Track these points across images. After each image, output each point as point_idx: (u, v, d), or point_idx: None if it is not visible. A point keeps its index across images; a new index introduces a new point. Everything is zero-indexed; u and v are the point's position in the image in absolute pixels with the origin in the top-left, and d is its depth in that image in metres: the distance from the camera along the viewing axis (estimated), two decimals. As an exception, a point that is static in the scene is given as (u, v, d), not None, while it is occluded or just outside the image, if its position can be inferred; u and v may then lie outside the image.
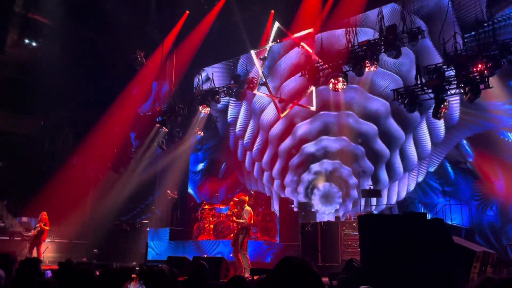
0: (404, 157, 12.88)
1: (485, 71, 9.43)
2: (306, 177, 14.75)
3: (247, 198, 9.91)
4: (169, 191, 15.10)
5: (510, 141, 10.93)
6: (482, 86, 9.37)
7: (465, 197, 11.48)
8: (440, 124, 11.97)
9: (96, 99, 16.11)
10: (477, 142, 11.46)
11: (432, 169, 12.30)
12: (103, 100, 16.01)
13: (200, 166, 17.90)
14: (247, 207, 9.44)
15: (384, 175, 13.22)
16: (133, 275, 4.92)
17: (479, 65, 9.44)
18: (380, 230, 6.10)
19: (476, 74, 9.48)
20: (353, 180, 13.59)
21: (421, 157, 12.54)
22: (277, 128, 15.66)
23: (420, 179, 12.45)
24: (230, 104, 16.92)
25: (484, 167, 11.20)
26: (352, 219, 10.81)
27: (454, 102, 11.47)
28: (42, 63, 15.30)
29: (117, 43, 15.88)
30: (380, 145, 13.37)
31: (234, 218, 9.50)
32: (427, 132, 12.45)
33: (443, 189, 11.97)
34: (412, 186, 12.60)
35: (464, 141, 11.75)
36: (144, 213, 16.31)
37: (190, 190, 17.40)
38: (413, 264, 5.36)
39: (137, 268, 6.37)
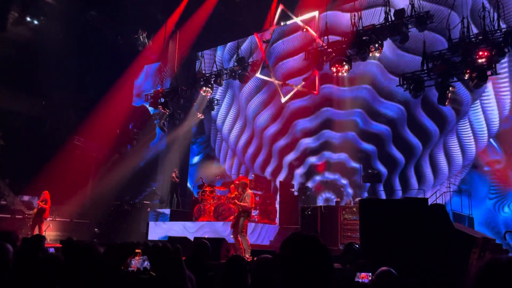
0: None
1: (490, 58, 9.36)
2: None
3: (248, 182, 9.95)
4: (173, 174, 15.15)
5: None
6: (489, 73, 9.31)
7: (481, 195, 11.36)
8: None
9: (98, 78, 16.02)
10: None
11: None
12: (105, 80, 15.94)
13: (196, 159, 17.93)
14: (249, 191, 9.47)
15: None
16: (137, 250, 4.98)
17: (485, 52, 9.36)
18: (380, 215, 6.13)
19: (484, 60, 9.40)
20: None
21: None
22: (272, 128, 15.71)
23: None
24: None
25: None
26: (352, 204, 10.87)
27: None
28: (43, 42, 15.18)
29: (119, 22, 15.73)
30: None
31: (236, 201, 9.53)
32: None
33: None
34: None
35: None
36: (145, 193, 16.39)
37: (188, 185, 17.36)
38: (412, 249, 5.40)
39: (141, 246, 6.39)
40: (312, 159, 14.75)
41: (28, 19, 16.26)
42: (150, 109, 16.63)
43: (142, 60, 16.93)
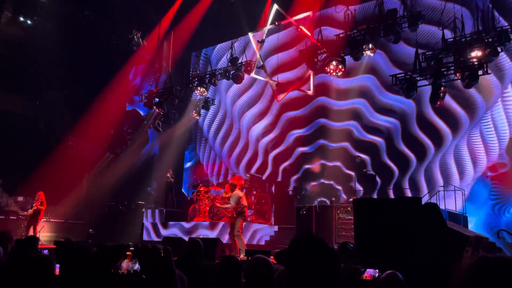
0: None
1: (483, 58, 9.43)
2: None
3: (237, 182, 9.96)
4: (168, 174, 15.14)
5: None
6: (480, 72, 9.37)
7: (482, 197, 11.24)
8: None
9: (92, 78, 15.95)
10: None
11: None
12: (99, 80, 15.88)
13: (188, 164, 17.94)
14: (236, 192, 9.46)
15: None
16: (128, 253, 4.97)
17: (477, 52, 9.43)
18: (374, 214, 6.16)
19: (475, 60, 9.48)
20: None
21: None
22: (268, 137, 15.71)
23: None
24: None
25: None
26: (346, 203, 10.90)
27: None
28: (37, 42, 15.09)
29: (113, 22, 15.67)
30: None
31: (217, 204, 9.64)
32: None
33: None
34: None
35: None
36: (140, 194, 16.33)
37: (183, 190, 17.31)
38: (406, 247, 5.43)
39: (131, 249, 6.40)
40: (307, 165, 14.70)
41: (22, 19, 16.14)
42: (144, 110, 16.60)
43: (136, 60, 16.87)
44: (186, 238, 9.33)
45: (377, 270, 4.92)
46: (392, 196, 12.59)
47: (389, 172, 13.05)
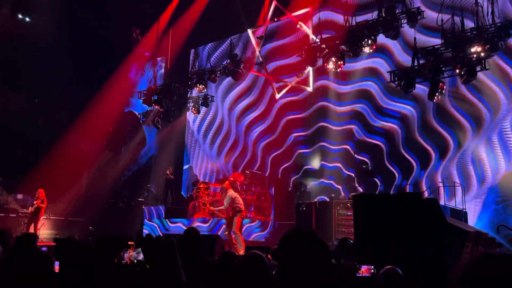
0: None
1: (482, 53, 9.40)
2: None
3: (237, 179, 9.99)
4: (168, 171, 15.14)
5: None
6: (478, 68, 9.36)
7: (489, 197, 10.93)
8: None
9: (91, 76, 15.93)
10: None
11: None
12: (98, 77, 15.85)
13: (186, 166, 17.89)
14: (230, 193, 9.48)
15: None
16: (130, 243, 4.97)
17: (477, 47, 9.40)
18: (374, 209, 6.16)
19: (473, 56, 9.45)
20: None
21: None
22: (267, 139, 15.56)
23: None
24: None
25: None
26: (346, 199, 10.90)
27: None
28: (35, 39, 15.05)
29: (112, 19, 15.62)
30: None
31: (212, 207, 9.76)
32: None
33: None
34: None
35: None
36: (139, 191, 16.35)
37: (182, 193, 17.08)
38: (406, 243, 5.44)
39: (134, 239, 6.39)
40: (307, 166, 14.53)
41: (20, 16, 16.12)
42: (140, 109, 16.56)
43: (135, 57, 16.84)
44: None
45: (372, 266, 4.94)
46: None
47: (391, 175, 12.73)
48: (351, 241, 7.26)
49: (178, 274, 1.81)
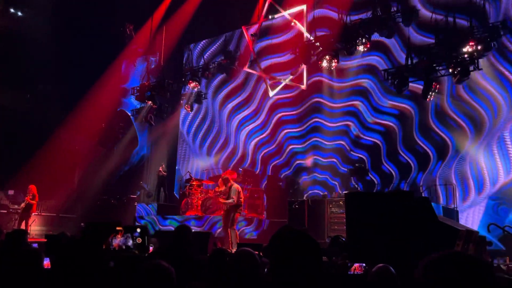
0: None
1: (475, 53, 9.48)
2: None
3: (230, 176, 9.93)
4: (161, 168, 15.09)
5: None
6: (471, 68, 9.43)
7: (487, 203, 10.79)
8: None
9: (84, 72, 15.81)
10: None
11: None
12: (91, 73, 15.73)
13: (177, 166, 17.71)
14: (235, 185, 9.48)
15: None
16: (118, 228, 4.95)
17: (469, 47, 9.46)
18: (366, 207, 6.18)
19: (466, 56, 9.51)
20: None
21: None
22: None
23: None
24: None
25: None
26: (339, 198, 10.93)
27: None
28: (28, 34, 14.90)
29: (105, 14, 15.50)
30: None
31: (221, 199, 9.60)
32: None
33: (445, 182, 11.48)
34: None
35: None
36: (132, 188, 16.27)
37: (175, 193, 16.96)
38: (397, 241, 5.47)
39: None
40: (300, 161, 14.51)
41: (12, 10, 15.94)
42: (136, 105, 16.47)
43: (128, 53, 16.74)
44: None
45: (363, 264, 4.96)
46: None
47: (388, 175, 12.68)
48: (343, 239, 7.29)
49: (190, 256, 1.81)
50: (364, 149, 13.16)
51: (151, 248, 6.33)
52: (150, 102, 15.04)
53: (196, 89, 15.26)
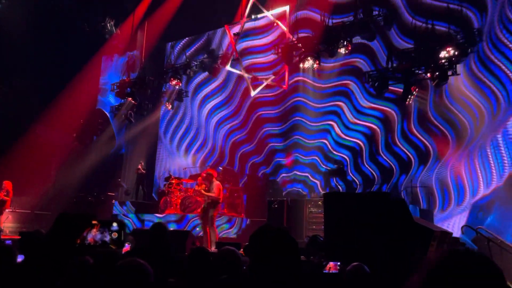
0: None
1: (453, 58, 9.71)
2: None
3: (214, 174, 9.92)
4: (140, 166, 14.93)
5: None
6: (450, 73, 9.65)
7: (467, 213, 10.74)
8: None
9: (62, 66, 15.50)
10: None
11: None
12: (70, 68, 15.44)
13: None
14: (216, 181, 9.48)
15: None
16: (94, 222, 4.84)
17: (446, 52, 9.69)
18: (344, 208, 6.26)
19: (445, 60, 9.74)
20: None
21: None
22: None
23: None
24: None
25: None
26: (318, 198, 11.04)
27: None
28: (5, 27, 14.49)
29: (86, 8, 15.23)
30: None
31: (203, 191, 9.53)
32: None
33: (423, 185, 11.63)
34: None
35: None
36: (110, 185, 16.04)
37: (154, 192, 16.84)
38: (373, 241, 5.55)
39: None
40: (280, 159, 14.58)
41: (-12, 2, 15.49)
42: (115, 102, 16.25)
43: (109, 49, 16.50)
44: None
45: (339, 263, 5.04)
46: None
47: (370, 178, 12.78)
48: (321, 238, 7.36)
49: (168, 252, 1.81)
50: (346, 149, 13.31)
51: (127, 245, 6.25)
52: (130, 98, 14.87)
53: (177, 87, 15.16)
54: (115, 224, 5.31)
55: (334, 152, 13.46)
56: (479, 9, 11.01)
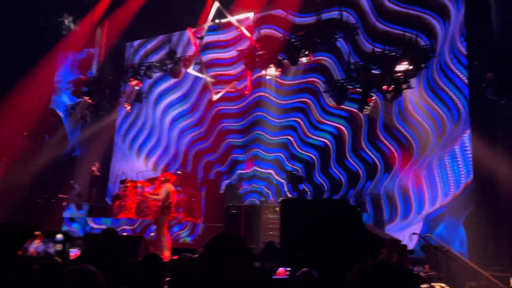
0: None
1: (408, 73, 10.12)
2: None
3: (170, 178, 9.78)
4: (94, 167, 14.47)
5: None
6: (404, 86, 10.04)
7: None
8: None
9: (16, 62, 14.81)
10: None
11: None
12: (23, 64, 14.77)
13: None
14: (168, 186, 9.35)
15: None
16: (37, 233, 4.62)
17: (402, 67, 10.09)
18: (300, 214, 6.36)
19: (400, 74, 10.12)
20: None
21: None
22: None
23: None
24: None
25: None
26: (276, 203, 11.13)
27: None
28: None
29: (42, 2, 14.65)
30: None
31: (147, 193, 9.47)
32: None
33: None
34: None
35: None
36: (61, 187, 15.43)
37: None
38: (327, 247, 5.67)
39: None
40: (240, 170, 14.50)
41: None
42: (68, 101, 15.72)
43: (65, 46, 15.93)
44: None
45: (289, 268, 5.10)
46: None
47: (321, 188, 12.86)
48: (277, 245, 7.42)
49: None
50: (301, 161, 13.40)
51: (77, 250, 6.02)
52: (87, 97, 14.41)
53: (137, 87, 14.85)
54: (59, 235, 5.08)
55: (289, 165, 13.54)
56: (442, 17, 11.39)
